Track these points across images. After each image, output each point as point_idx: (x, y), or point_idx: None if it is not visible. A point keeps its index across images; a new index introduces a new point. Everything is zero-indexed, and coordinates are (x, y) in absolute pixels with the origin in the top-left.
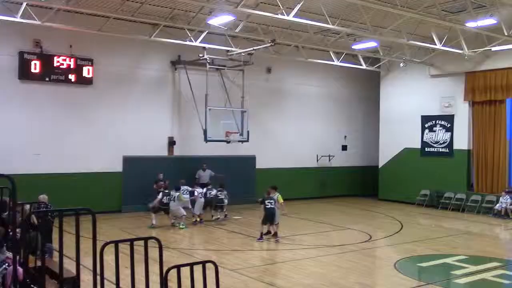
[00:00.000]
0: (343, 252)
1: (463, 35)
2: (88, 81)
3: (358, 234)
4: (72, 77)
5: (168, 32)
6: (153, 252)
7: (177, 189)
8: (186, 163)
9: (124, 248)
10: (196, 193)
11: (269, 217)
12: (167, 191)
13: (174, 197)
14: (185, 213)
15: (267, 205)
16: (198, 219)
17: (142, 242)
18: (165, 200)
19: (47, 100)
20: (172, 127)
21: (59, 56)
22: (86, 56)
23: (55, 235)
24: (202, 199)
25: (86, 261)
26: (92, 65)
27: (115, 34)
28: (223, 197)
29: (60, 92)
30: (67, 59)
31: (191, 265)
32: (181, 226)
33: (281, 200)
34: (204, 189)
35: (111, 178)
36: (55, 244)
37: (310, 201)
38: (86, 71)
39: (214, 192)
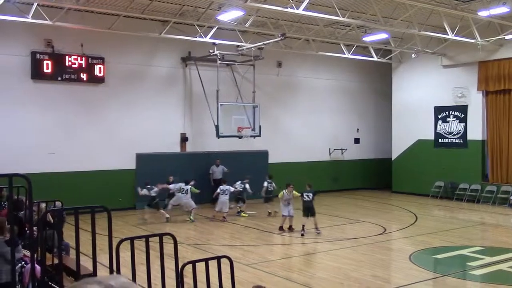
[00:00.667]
0: (357, 245)
1: (475, 24)
2: (99, 80)
3: (372, 227)
4: (84, 76)
5: (178, 28)
6: (168, 248)
7: (187, 182)
8: (199, 159)
9: (140, 244)
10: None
11: (306, 210)
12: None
13: (186, 190)
14: (195, 206)
15: (305, 198)
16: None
17: (157, 239)
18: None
19: (59, 99)
20: (184, 123)
21: (70, 56)
22: (97, 54)
23: (70, 232)
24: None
25: (103, 258)
26: (103, 63)
27: (126, 32)
28: (272, 189)
29: (72, 91)
30: (79, 58)
31: (206, 260)
32: (191, 218)
33: (297, 194)
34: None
35: (125, 176)
36: (71, 242)
37: (323, 195)
38: (98, 70)
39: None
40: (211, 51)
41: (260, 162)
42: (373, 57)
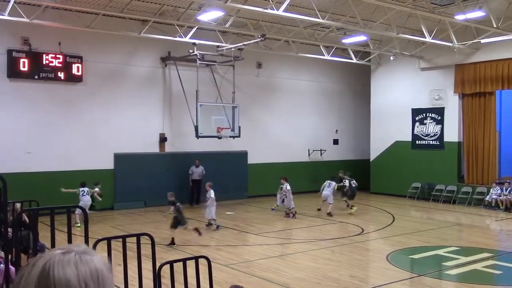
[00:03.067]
0: (335, 245)
1: (452, 28)
2: (77, 79)
3: (351, 228)
4: (61, 74)
5: (157, 28)
6: (146, 249)
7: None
8: (178, 160)
9: (117, 245)
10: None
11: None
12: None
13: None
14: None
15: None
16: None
17: (134, 239)
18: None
19: (36, 98)
20: (163, 123)
21: (48, 54)
22: (75, 53)
23: (46, 233)
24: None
25: None
26: (81, 62)
27: (104, 31)
28: (355, 185)
29: (50, 90)
30: (56, 56)
31: (184, 260)
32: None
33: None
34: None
35: (103, 176)
36: (46, 243)
37: (302, 195)
38: (76, 69)
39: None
40: (191, 51)
41: (240, 163)
42: (352, 59)
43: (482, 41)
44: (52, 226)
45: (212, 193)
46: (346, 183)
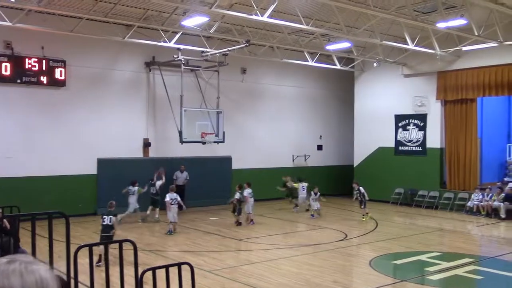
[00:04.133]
0: (318, 251)
1: (434, 35)
2: (60, 83)
3: (334, 233)
4: (44, 79)
5: (142, 33)
6: (129, 255)
7: (240, 187)
8: (162, 165)
9: (100, 251)
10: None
11: None
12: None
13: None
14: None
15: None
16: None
17: (117, 245)
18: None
19: (19, 103)
20: (147, 128)
21: (30, 58)
22: (58, 57)
23: (27, 239)
24: (252, 199)
25: (61, 265)
26: (64, 66)
27: (88, 35)
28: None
29: (32, 94)
30: (39, 60)
31: (167, 267)
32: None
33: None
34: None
35: (86, 181)
36: (28, 248)
37: (286, 201)
38: (59, 73)
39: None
40: (175, 56)
41: (224, 168)
42: (336, 65)
43: (464, 48)
44: (33, 232)
45: (245, 192)
46: (362, 190)
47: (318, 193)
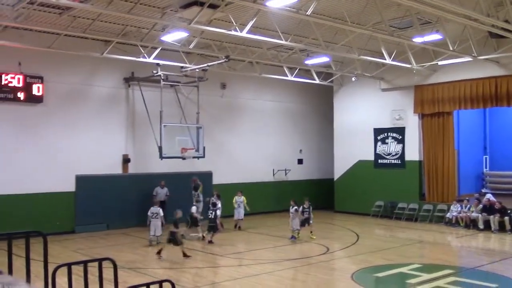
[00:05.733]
0: (301, 265)
1: (411, 50)
2: (38, 99)
3: (316, 247)
4: (21, 95)
5: (120, 48)
6: (109, 273)
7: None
8: (142, 181)
9: (79, 270)
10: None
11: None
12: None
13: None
14: None
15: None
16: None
17: (96, 264)
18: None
19: None
20: (127, 144)
21: (7, 74)
22: (35, 73)
23: (3, 258)
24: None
25: (39, 285)
26: (42, 82)
27: (66, 51)
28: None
29: (9, 111)
30: (16, 76)
31: (148, 284)
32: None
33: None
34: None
35: (63, 198)
36: (4, 268)
37: (267, 215)
38: (36, 89)
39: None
40: (154, 71)
41: (205, 183)
42: (315, 80)
43: (440, 63)
44: (10, 252)
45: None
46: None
47: (295, 207)
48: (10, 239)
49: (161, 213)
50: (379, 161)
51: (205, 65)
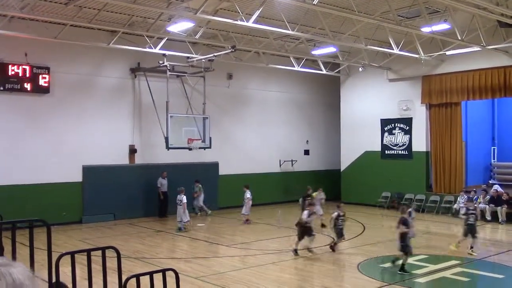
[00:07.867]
0: (307, 256)
1: (419, 40)
2: (44, 90)
3: (322, 238)
4: (28, 85)
5: (127, 39)
6: (113, 262)
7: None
8: (148, 171)
9: (83, 259)
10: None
11: None
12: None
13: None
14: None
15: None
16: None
17: (100, 252)
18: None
19: (2, 110)
20: (133, 135)
21: (14, 65)
22: (42, 64)
23: (8, 247)
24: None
25: (43, 273)
26: (48, 73)
27: (72, 41)
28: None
29: (16, 101)
30: (23, 67)
31: (151, 273)
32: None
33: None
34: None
35: (71, 189)
36: (9, 257)
37: (273, 206)
38: (43, 80)
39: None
40: (161, 62)
41: (211, 174)
42: (322, 70)
43: (448, 53)
44: (13, 240)
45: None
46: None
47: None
48: (14, 227)
49: (184, 200)
50: (386, 152)
51: (212, 55)
